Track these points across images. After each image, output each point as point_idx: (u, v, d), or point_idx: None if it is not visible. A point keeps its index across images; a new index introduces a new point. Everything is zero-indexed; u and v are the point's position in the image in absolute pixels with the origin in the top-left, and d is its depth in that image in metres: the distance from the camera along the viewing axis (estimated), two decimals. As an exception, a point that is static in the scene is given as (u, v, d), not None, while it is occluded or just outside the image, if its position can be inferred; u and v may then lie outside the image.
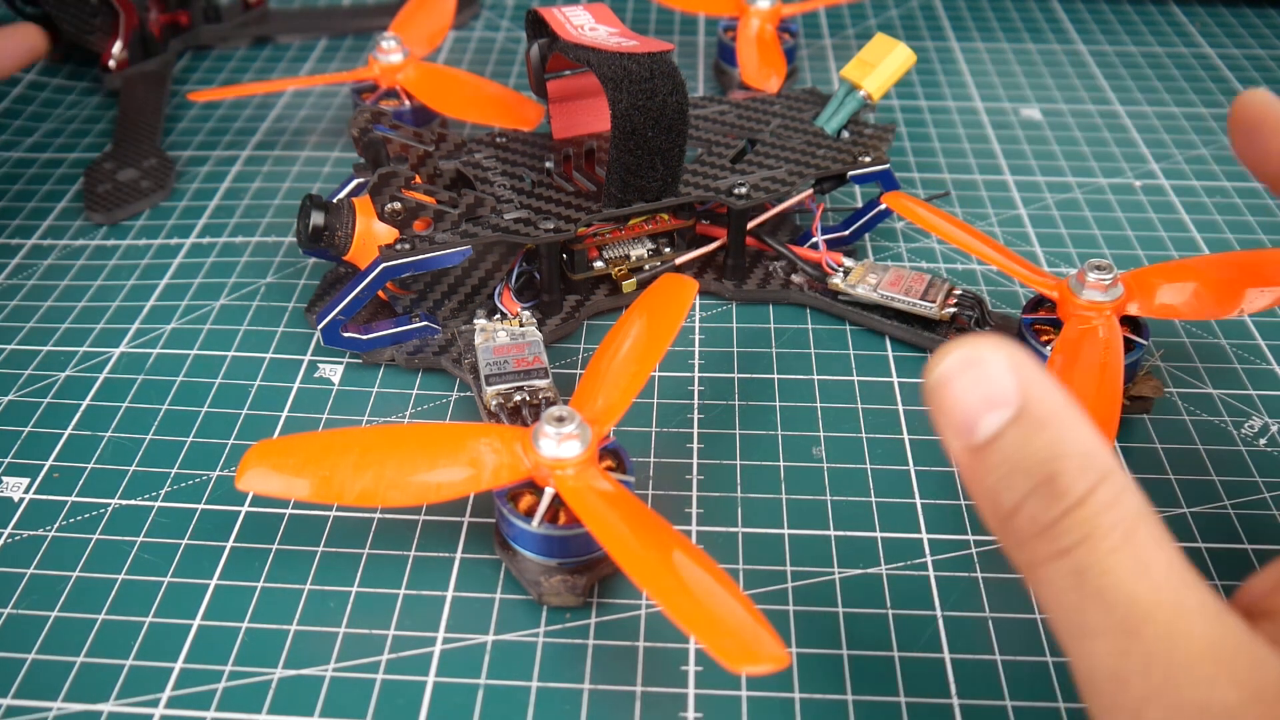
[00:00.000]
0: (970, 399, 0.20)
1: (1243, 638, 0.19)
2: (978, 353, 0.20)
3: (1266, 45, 0.60)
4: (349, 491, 0.27)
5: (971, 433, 0.20)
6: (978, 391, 0.20)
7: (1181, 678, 0.18)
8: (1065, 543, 0.20)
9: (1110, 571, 0.19)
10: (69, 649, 0.28)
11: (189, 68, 0.57)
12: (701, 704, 0.26)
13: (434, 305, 0.37)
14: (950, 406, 0.21)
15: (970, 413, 0.20)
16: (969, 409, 0.20)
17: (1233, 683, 0.18)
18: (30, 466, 0.33)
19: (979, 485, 0.21)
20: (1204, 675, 0.18)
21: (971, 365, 0.20)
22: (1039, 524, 0.20)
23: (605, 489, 0.27)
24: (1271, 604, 0.20)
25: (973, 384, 0.20)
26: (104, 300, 0.40)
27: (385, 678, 0.27)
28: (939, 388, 0.21)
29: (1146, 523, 0.20)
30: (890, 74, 0.41)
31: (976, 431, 0.20)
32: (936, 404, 0.21)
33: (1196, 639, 0.19)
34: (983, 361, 0.20)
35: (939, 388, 0.21)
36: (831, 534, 0.31)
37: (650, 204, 0.37)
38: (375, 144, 0.38)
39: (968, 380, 0.20)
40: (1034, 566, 0.20)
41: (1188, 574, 0.19)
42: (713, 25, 0.60)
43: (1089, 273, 0.33)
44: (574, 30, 0.37)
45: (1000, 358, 0.20)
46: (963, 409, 0.20)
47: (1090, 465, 0.20)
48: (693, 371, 0.37)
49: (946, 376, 0.21)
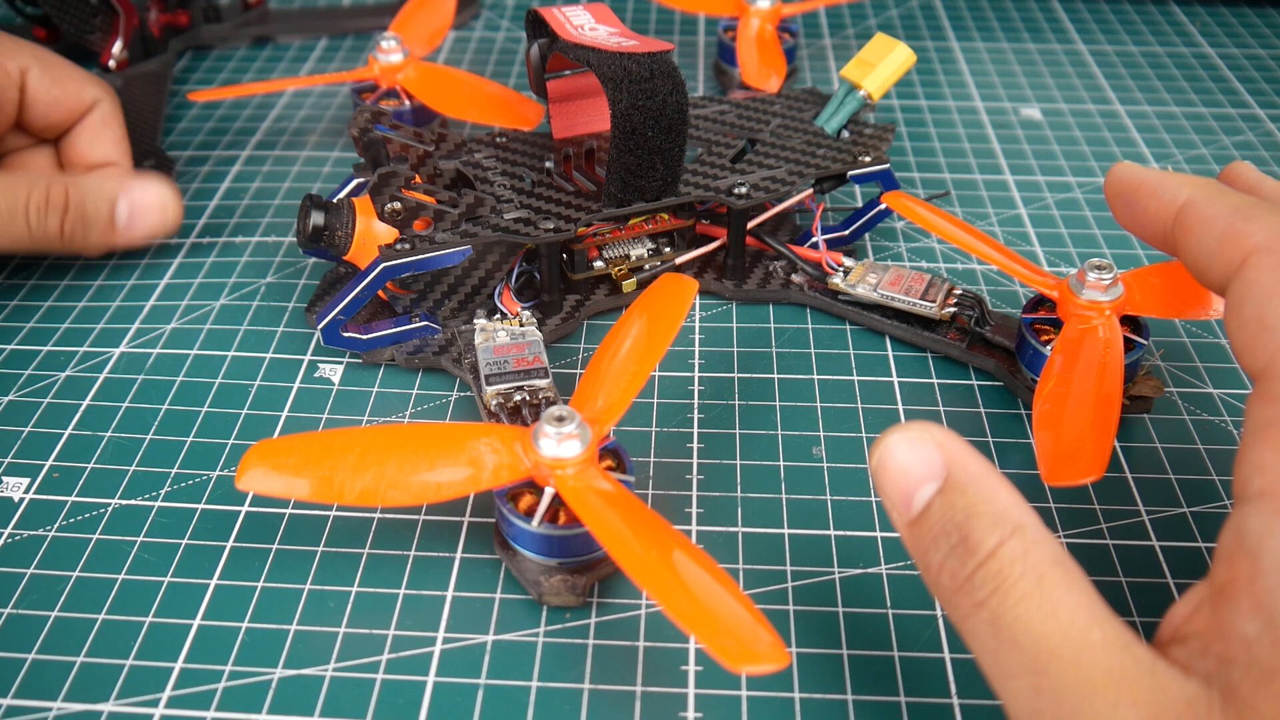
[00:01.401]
0: (906, 478, 0.23)
1: (1146, 664, 0.20)
2: (909, 435, 0.23)
3: (1266, 45, 0.60)
4: (349, 491, 0.27)
5: (909, 507, 0.23)
6: (911, 470, 0.23)
7: (1086, 706, 0.20)
8: (980, 595, 0.21)
9: (1020, 617, 0.21)
10: (69, 649, 0.28)
11: (189, 68, 0.57)
12: (701, 704, 0.26)
13: (434, 305, 0.37)
14: (890, 487, 0.23)
15: (907, 489, 0.23)
16: (906, 487, 0.23)
17: (1134, 704, 0.20)
18: (30, 466, 0.33)
19: (916, 554, 0.23)
20: (1107, 701, 0.20)
21: (904, 447, 0.23)
22: (958, 579, 0.22)
23: (605, 489, 0.27)
24: (1186, 629, 0.21)
25: (906, 464, 0.23)
26: (104, 300, 0.40)
27: (385, 678, 0.27)
28: (879, 471, 0.24)
29: (1057, 568, 0.21)
30: (890, 74, 0.41)
31: (913, 505, 0.23)
32: (879, 486, 0.24)
33: (1100, 669, 0.20)
34: (914, 442, 0.23)
35: (879, 471, 0.24)
36: (831, 534, 0.31)
37: (650, 204, 0.37)
38: (375, 144, 0.38)
39: (901, 460, 0.23)
40: (960, 620, 0.22)
41: (1097, 611, 0.21)
42: (713, 25, 0.60)
43: (1089, 273, 0.33)
44: (574, 30, 0.37)
45: (927, 437, 0.23)
46: (900, 487, 0.23)
47: (1000, 521, 0.22)
48: (693, 371, 0.37)
49: (883, 460, 0.23)
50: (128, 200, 0.39)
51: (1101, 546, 0.30)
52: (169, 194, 0.40)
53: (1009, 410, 0.35)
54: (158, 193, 0.39)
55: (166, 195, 0.40)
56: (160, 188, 0.40)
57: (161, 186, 0.40)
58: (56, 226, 0.37)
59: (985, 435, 0.34)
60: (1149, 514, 0.31)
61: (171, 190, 0.40)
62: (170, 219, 0.40)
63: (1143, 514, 0.31)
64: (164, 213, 0.40)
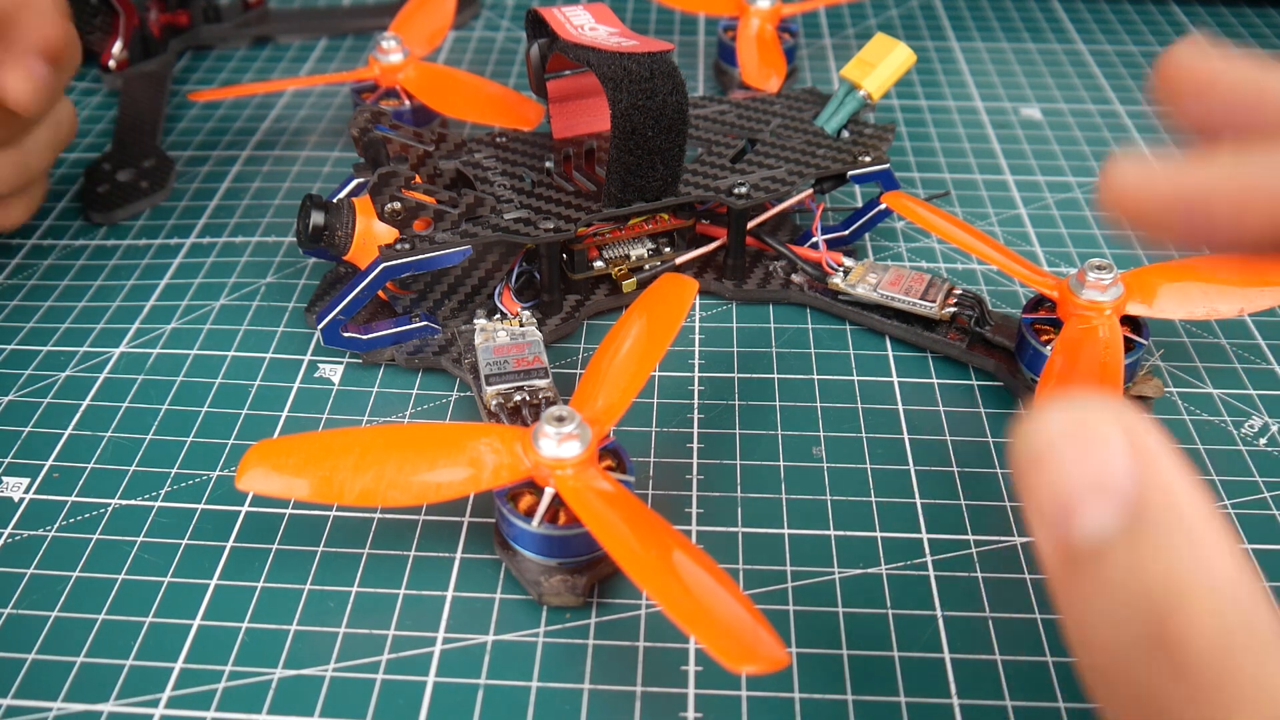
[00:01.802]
0: (1072, 481, 0.16)
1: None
2: (1088, 419, 0.16)
3: (1267, 45, 0.60)
4: (349, 491, 0.27)
5: (1068, 523, 0.16)
6: (1083, 472, 0.16)
7: None
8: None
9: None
10: (69, 649, 0.28)
11: (189, 68, 0.57)
12: (701, 704, 0.26)
13: (434, 305, 0.37)
14: (1043, 485, 0.16)
15: (1070, 498, 0.16)
16: (1069, 494, 0.16)
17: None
18: (30, 466, 0.33)
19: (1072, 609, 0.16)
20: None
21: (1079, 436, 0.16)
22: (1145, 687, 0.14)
23: (605, 489, 0.27)
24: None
25: (1078, 462, 0.16)
26: (104, 300, 0.40)
27: (385, 678, 0.27)
28: (1030, 460, 0.16)
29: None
30: (890, 74, 0.40)
31: (1074, 525, 0.15)
32: (1024, 480, 0.16)
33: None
34: (1095, 434, 0.16)
35: (1030, 460, 0.16)
36: (831, 534, 0.31)
37: (650, 204, 0.37)
38: (375, 144, 0.38)
39: (1072, 455, 0.16)
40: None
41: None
42: (713, 25, 0.60)
43: (1089, 273, 0.33)
44: (574, 30, 0.37)
45: (1118, 431, 0.16)
46: (1060, 490, 0.16)
47: (1225, 614, 0.14)
48: (693, 371, 0.37)
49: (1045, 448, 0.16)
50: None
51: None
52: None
53: (1009, 410, 0.35)
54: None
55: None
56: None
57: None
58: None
59: (985, 435, 0.34)
60: (1149, 514, 0.31)
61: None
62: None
63: (1143, 514, 0.31)
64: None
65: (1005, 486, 0.32)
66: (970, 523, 0.31)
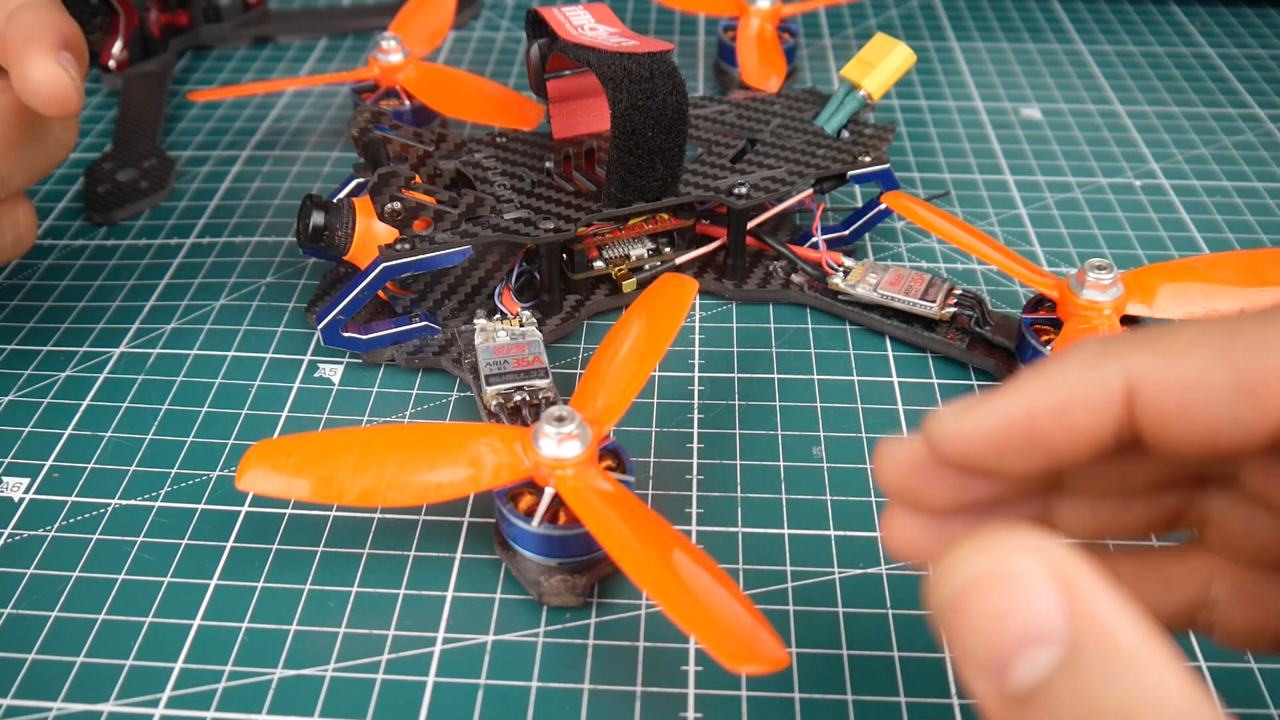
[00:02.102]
0: (999, 633, 0.15)
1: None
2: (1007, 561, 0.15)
3: (1266, 45, 0.60)
4: (349, 491, 0.27)
5: (1003, 677, 0.15)
6: (1010, 622, 0.15)
7: None
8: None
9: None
10: (69, 649, 0.28)
11: (189, 68, 0.57)
12: (701, 704, 0.26)
13: (434, 305, 0.37)
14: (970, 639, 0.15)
15: (1000, 651, 0.15)
16: (999, 646, 0.15)
17: None
18: (30, 466, 0.33)
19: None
20: None
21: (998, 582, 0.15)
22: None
23: (605, 489, 0.27)
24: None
25: (1002, 610, 0.15)
26: (104, 300, 0.40)
27: (385, 678, 0.27)
28: (952, 611, 0.15)
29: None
30: (890, 74, 0.40)
31: (1010, 676, 0.15)
32: (949, 630, 0.15)
33: None
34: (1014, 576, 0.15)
35: (952, 611, 0.15)
36: (831, 534, 0.31)
37: (650, 204, 0.37)
38: (375, 144, 0.38)
39: (993, 603, 0.15)
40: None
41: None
42: (713, 25, 0.60)
43: (1089, 272, 0.33)
44: (574, 30, 0.37)
45: (1039, 568, 0.15)
46: (989, 645, 0.15)
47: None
48: (693, 371, 0.37)
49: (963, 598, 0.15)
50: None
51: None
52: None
53: (1009, 410, 0.35)
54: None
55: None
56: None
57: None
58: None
59: (985, 435, 0.34)
60: (1149, 514, 0.31)
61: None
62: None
63: (1143, 514, 0.31)
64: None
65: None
66: (970, 523, 0.31)
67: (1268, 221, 0.45)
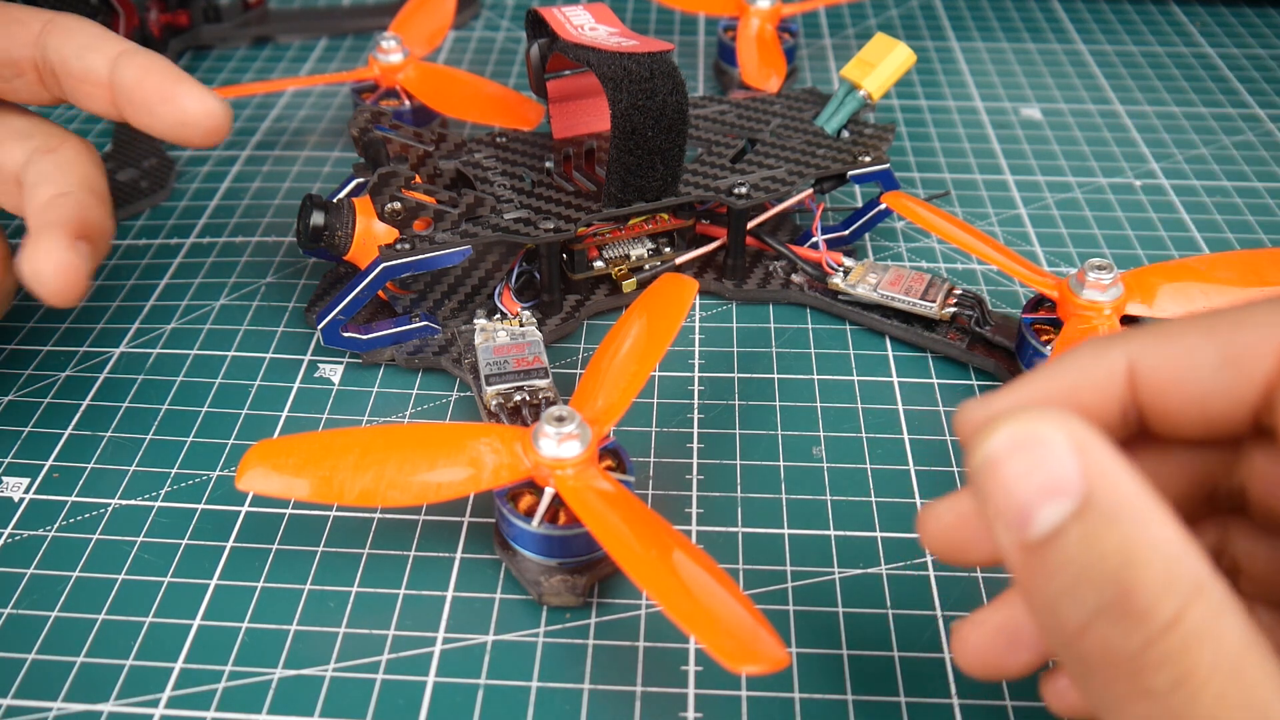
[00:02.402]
0: (1024, 486, 0.17)
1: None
2: (1034, 429, 0.17)
3: (1266, 45, 0.60)
4: (349, 491, 0.27)
5: (1026, 526, 0.17)
6: (1033, 477, 0.17)
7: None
8: (1154, 683, 0.16)
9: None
10: (69, 649, 0.28)
11: (189, 68, 0.57)
12: (701, 704, 0.26)
13: (434, 305, 0.37)
14: (1000, 494, 0.17)
15: (1024, 502, 0.17)
16: (1023, 498, 0.17)
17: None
18: (30, 466, 0.33)
19: (1037, 593, 0.17)
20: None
21: (1026, 444, 0.17)
22: (1114, 654, 0.16)
23: (605, 489, 0.27)
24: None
25: (1027, 467, 0.17)
26: (104, 300, 0.40)
27: (385, 678, 0.27)
28: (986, 470, 0.18)
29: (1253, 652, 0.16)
30: (890, 74, 0.40)
31: (1032, 525, 0.17)
32: (983, 489, 0.18)
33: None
34: (1039, 440, 0.17)
35: (986, 470, 0.18)
36: (831, 534, 0.31)
37: (650, 204, 0.37)
38: (375, 144, 0.38)
39: (1021, 462, 0.17)
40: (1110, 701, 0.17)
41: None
42: (713, 25, 0.60)
43: (1089, 272, 0.33)
44: (574, 30, 0.37)
45: (1061, 435, 0.17)
46: (1015, 498, 0.17)
47: (1175, 577, 0.16)
48: (693, 371, 0.37)
49: (995, 457, 0.17)
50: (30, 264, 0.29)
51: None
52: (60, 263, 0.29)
53: (1009, 410, 0.35)
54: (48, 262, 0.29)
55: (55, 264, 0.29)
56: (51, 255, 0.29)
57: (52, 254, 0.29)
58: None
59: (985, 435, 0.34)
60: (1149, 514, 0.31)
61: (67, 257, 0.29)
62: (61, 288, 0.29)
63: (1143, 514, 0.31)
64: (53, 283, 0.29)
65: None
66: (970, 523, 0.31)
67: (1268, 221, 0.45)
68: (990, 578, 0.29)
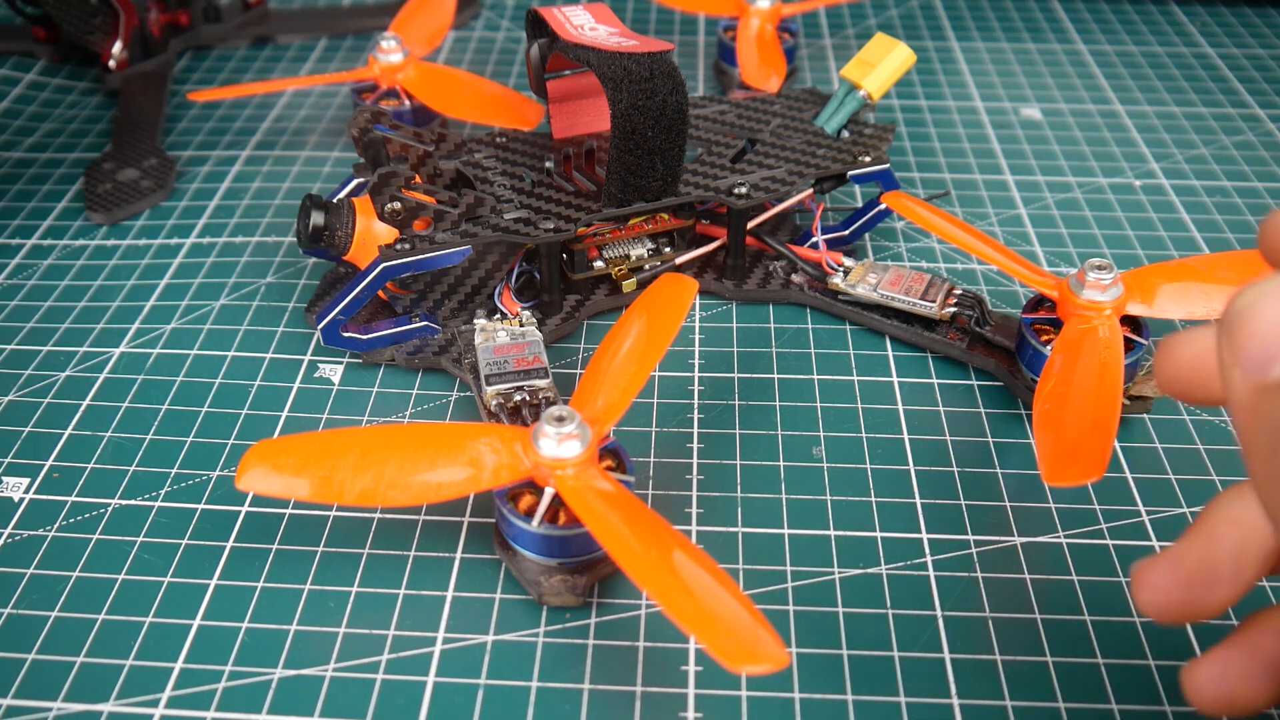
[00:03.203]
0: (1273, 333, 0.18)
1: None
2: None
3: (1266, 45, 0.60)
4: (349, 491, 0.27)
5: (1267, 369, 0.18)
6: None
7: None
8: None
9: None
10: (69, 649, 0.28)
11: (189, 68, 0.57)
12: (701, 704, 0.26)
13: (434, 305, 0.37)
14: (1247, 337, 0.19)
15: (1273, 349, 0.18)
16: (1272, 346, 0.18)
17: None
18: (30, 466, 0.33)
19: (1260, 419, 0.19)
20: None
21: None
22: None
23: (605, 489, 0.27)
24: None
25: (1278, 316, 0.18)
26: (104, 300, 0.40)
27: (385, 678, 0.27)
28: (1244, 313, 0.19)
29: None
30: (890, 74, 0.41)
31: (1274, 368, 0.18)
32: (1231, 333, 0.19)
33: None
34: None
35: (1244, 313, 0.19)
36: (831, 534, 0.31)
37: (650, 204, 0.37)
38: (375, 144, 0.38)
39: (1274, 311, 0.18)
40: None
41: None
42: (713, 25, 0.60)
43: (1089, 272, 0.33)
44: (574, 30, 0.37)
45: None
46: (1265, 343, 0.18)
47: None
48: (693, 371, 0.37)
49: (1257, 304, 0.19)
50: None
51: (1101, 547, 0.30)
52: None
53: (1009, 410, 0.35)
54: None
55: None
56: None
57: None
58: None
59: (985, 435, 0.34)
60: (1149, 514, 0.31)
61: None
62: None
63: (1143, 514, 0.31)
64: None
65: (1005, 486, 0.32)
66: (970, 523, 0.31)
67: (1268, 221, 0.44)
68: (989, 578, 0.29)
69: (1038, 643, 0.28)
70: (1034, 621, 0.28)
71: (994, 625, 0.28)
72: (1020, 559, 0.30)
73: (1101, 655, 0.27)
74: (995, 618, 0.28)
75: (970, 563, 0.30)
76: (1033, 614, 0.28)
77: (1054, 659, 0.27)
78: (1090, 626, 0.28)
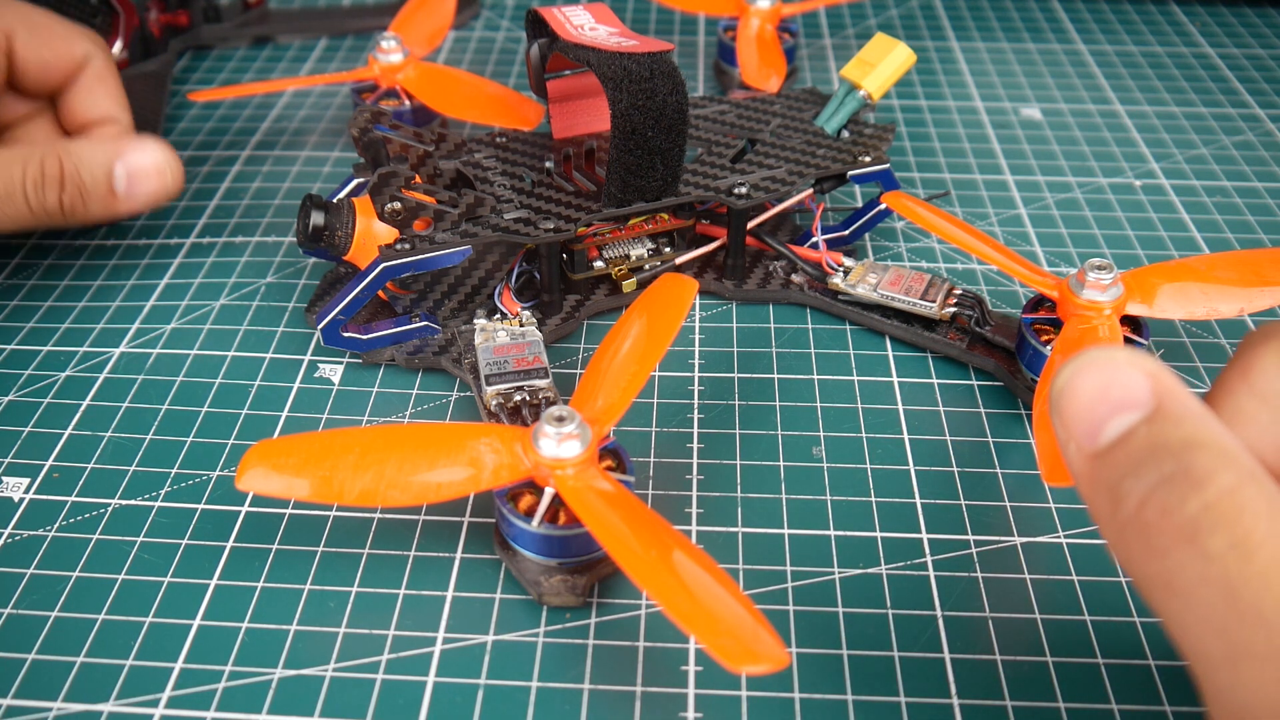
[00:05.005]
0: (1098, 405, 0.19)
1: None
2: (1108, 357, 0.20)
3: (1266, 45, 0.60)
4: (349, 491, 0.27)
5: (1095, 437, 0.19)
6: (1107, 396, 0.19)
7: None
8: (1210, 544, 0.17)
9: (1273, 587, 0.17)
10: (69, 649, 0.28)
11: (189, 68, 0.57)
12: (701, 704, 0.26)
13: (434, 305, 0.37)
14: (1074, 411, 0.20)
15: (1096, 418, 0.19)
16: (1095, 415, 0.19)
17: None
18: (30, 466, 0.33)
19: (1099, 486, 0.19)
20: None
21: (1101, 369, 0.19)
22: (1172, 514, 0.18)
23: (605, 489, 0.27)
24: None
25: (1101, 388, 0.19)
26: (104, 300, 0.40)
27: (385, 678, 0.27)
28: (1064, 391, 0.20)
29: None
30: (890, 74, 0.41)
31: (1101, 436, 0.19)
32: (1059, 410, 0.20)
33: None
34: (1114, 365, 0.19)
35: (1064, 391, 0.20)
36: (831, 534, 0.31)
37: (650, 204, 0.37)
38: (375, 144, 0.38)
39: (1096, 384, 0.19)
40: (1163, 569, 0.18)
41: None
42: (713, 25, 0.60)
43: (1089, 272, 0.33)
44: (574, 30, 0.37)
45: (1134, 363, 0.19)
46: (1088, 414, 0.19)
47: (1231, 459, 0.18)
48: (693, 371, 0.37)
49: (1073, 380, 0.20)
50: (124, 166, 0.37)
51: (1101, 547, 0.30)
52: (166, 155, 0.38)
53: (1009, 410, 0.35)
54: (154, 155, 0.37)
55: (164, 157, 0.38)
56: (157, 150, 0.37)
57: (158, 148, 0.38)
58: (55, 201, 0.36)
59: (985, 435, 0.34)
60: (1149, 514, 0.31)
61: (168, 152, 0.38)
62: (171, 182, 0.38)
63: (1143, 514, 0.31)
64: (162, 176, 0.38)
65: (1005, 486, 0.32)
66: (970, 523, 0.31)
67: (1268, 221, 0.45)
68: (989, 578, 0.29)
69: (1038, 643, 0.28)
70: (1034, 621, 0.28)
71: (994, 625, 0.28)
72: (1020, 559, 0.30)
73: (1101, 655, 0.27)
74: (995, 618, 0.28)
75: (970, 563, 0.30)
76: (1033, 614, 0.28)
77: (1054, 659, 0.27)
78: (1090, 626, 0.28)
